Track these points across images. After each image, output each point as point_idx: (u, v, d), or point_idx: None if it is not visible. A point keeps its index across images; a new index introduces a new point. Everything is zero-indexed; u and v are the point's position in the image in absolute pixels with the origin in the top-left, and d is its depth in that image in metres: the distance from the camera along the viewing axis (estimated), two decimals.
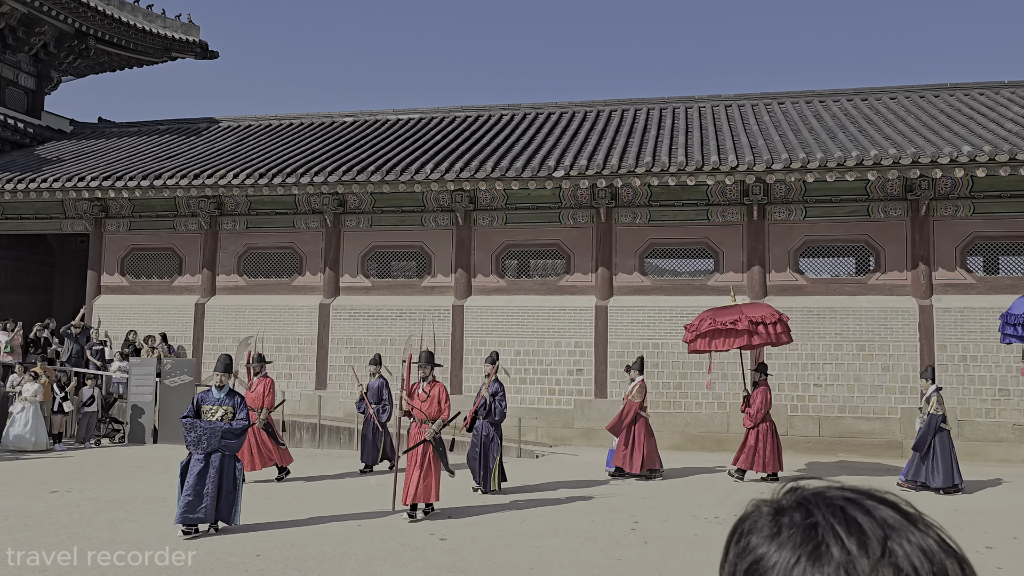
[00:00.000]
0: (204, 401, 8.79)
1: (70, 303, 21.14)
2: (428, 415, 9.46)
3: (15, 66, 24.09)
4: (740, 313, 12.25)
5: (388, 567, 7.19)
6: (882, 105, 19.15)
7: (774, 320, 12.25)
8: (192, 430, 8.58)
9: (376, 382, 13.31)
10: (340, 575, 6.90)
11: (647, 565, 7.45)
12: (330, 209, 17.89)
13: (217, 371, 9.07)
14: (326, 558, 7.43)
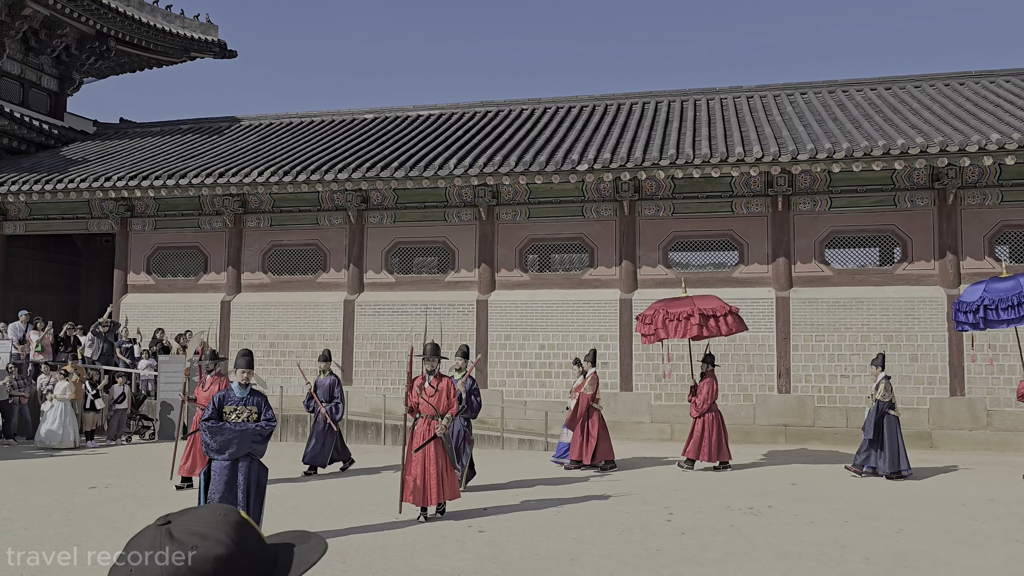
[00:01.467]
0: (226, 401, 7.92)
1: (96, 302, 21.35)
2: (437, 410, 9.12)
3: (38, 68, 24.34)
4: (692, 305, 12.68)
5: (431, 558, 7.25)
6: (907, 94, 19.02)
7: (724, 312, 12.70)
8: (219, 433, 7.69)
9: (327, 379, 12.67)
10: (384, 565, 6.97)
11: (686, 556, 7.47)
12: (353, 206, 17.97)
13: (239, 367, 8.12)
14: (368, 549, 7.50)
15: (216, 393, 8.07)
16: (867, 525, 8.83)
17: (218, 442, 7.68)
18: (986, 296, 11.80)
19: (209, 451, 7.71)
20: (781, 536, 8.27)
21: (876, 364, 12.73)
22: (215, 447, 7.69)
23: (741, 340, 16.15)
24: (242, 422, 7.77)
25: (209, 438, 7.68)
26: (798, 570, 7.05)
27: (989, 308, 11.68)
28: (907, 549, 7.80)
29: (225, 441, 7.67)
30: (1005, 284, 11.79)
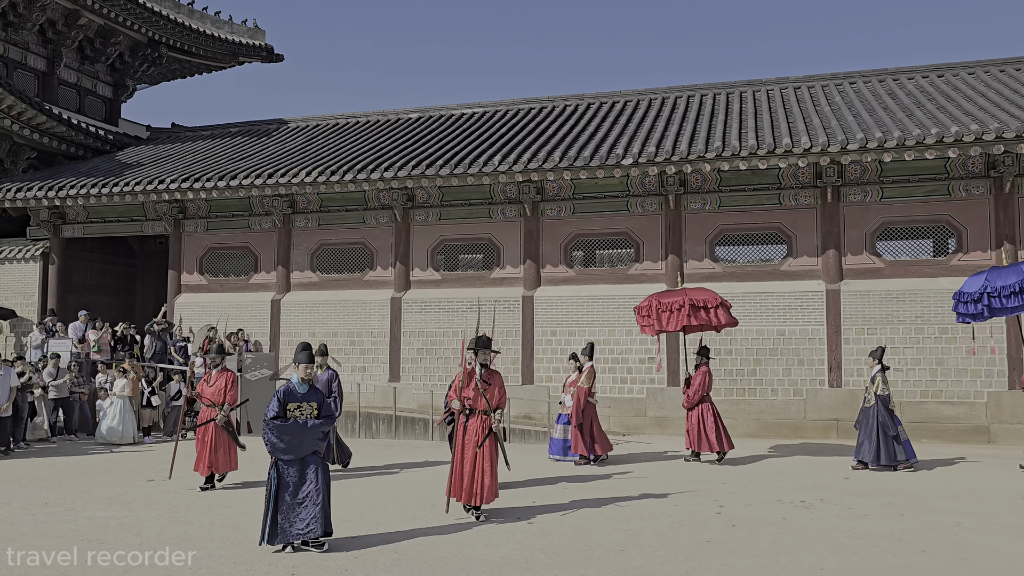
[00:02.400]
0: (290, 398, 7.55)
1: (152, 302, 21.90)
2: (492, 405, 8.77)
3: (93, 76, 25.08)
4: (684, 296, 12.88)
5: (481, 548, 7.31)
6: (960, 81, 18.54)
7: (716, 304, 12.81)
8: (287, 433, 7.34)
9: (325, 374, 12.08)
10: (435, 554, 7.04)
11: (737, 547, 7.41)
12: (399, 204, 18.16)
13: (300, 362, 7.77)
14: (418, 539, 7.59)
15: (279, 389, 7.64)
16: (923, 519, 8.65)
17: (287, 442, 7.32)
18: (988, 284, 11.80)
19: (276, 452, 7.33)
20: (834, 528, 8.15)
21: (874, 356, 12.57)
22: (284, 447, 7.32)
23: (790, 334, 15.95)
24: (305, 419, 7.47)
25: (276, 438, 7.31)
26: (852, 562, 6.94)
27: (992, 296, 11.68)
28: (965, 542, 7.63)
29: (296, 441, 7.35)
30: (1007, 272, 11.87)
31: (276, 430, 7.35)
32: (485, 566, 6.72)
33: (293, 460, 7.33)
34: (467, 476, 8.59)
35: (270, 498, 7.23)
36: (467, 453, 8.65)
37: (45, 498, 9.81)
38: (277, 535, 7.16)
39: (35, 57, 23.15)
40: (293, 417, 7.42)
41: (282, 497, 7.22)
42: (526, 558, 6.99)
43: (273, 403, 7.49)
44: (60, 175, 20.23)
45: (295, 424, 7.40)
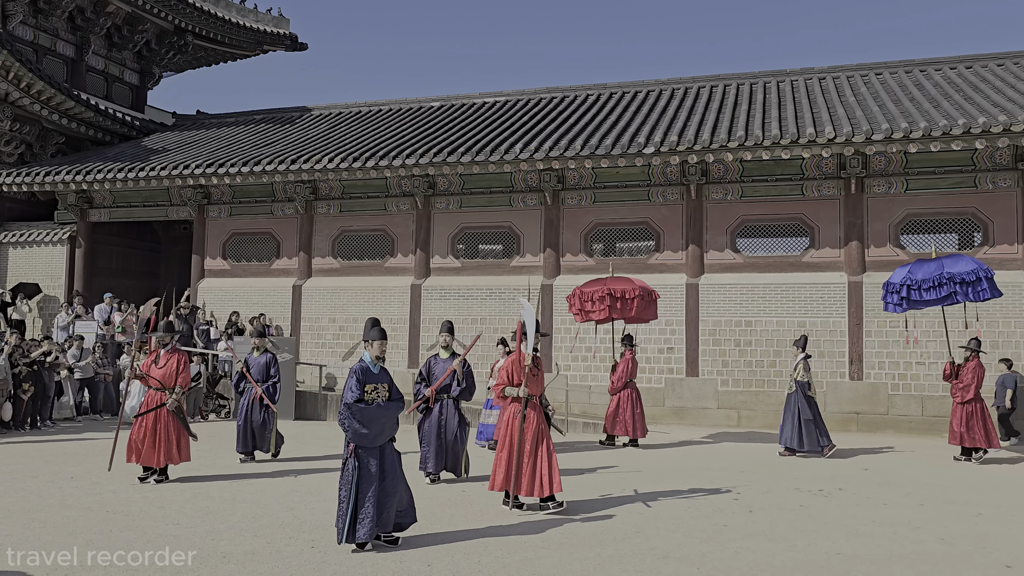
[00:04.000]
0: (368, 378, 6.87)
1: (175, 287, 22.12)
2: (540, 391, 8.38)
3: (120, 63, 25.36)
4: (604, 286, 12.96)
5: (499, 526, 7.36)
6: (988, 72, 18.28)
7: (633, 295, 12.82)
8: (372, 418, 6.71)
9: (262, 357, 11.52)
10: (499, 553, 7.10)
11: (754, 532, 7.41)
12: (420, 191, 18.23)
13: (374, 339, 7.03)
14: (482, 541, 7.66)
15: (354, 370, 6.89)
16: (943, 508, 8.60)
17: (372, 428, 6.71)
18: (909, 277, 12.10)
19: (359, 440, 6.67)
20: (852, 516, 8.13)
21: (798, 345, 12.88)
22: (368, 433, 6.69)
23: (811, 326, 15.84)
24: (384, 402, 6.88)
25: (360, 424, 6.66)
26: (869, 548, 6.92)
27: (912, 288, 12.00)
28: (986, 531, 7.58)
29: (379, 426, 6.76)
30: (928, 265, 12.12)
31: (360, 415, 6.68)
32: (501, 545, 6.77)
33: (374, 448, 6.73)
34: (529, 468, 7.98)
35: (351, 491, 6.57)
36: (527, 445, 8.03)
37: (71, 472, 10.00)
38: (356, 532, 6.55)
39: (64, 44, 23.44)
40: (372, 400, 6.80)
41: (364, 490, 6.59)
42: (541, 538, 7.04)
43: (352, 384, 6.80)
44: (87, 160, 20.50)
45: (379, 408, 6.79)
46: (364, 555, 6.45)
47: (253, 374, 11.39)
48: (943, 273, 11.80)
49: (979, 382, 12.32)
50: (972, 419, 12.12)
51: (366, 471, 6.64)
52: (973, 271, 11.73)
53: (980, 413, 12.17)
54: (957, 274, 11.76)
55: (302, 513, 7.92)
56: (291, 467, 10.76)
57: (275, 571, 6.03)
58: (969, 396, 12.20)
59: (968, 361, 12.50)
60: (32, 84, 19.37)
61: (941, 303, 12.01)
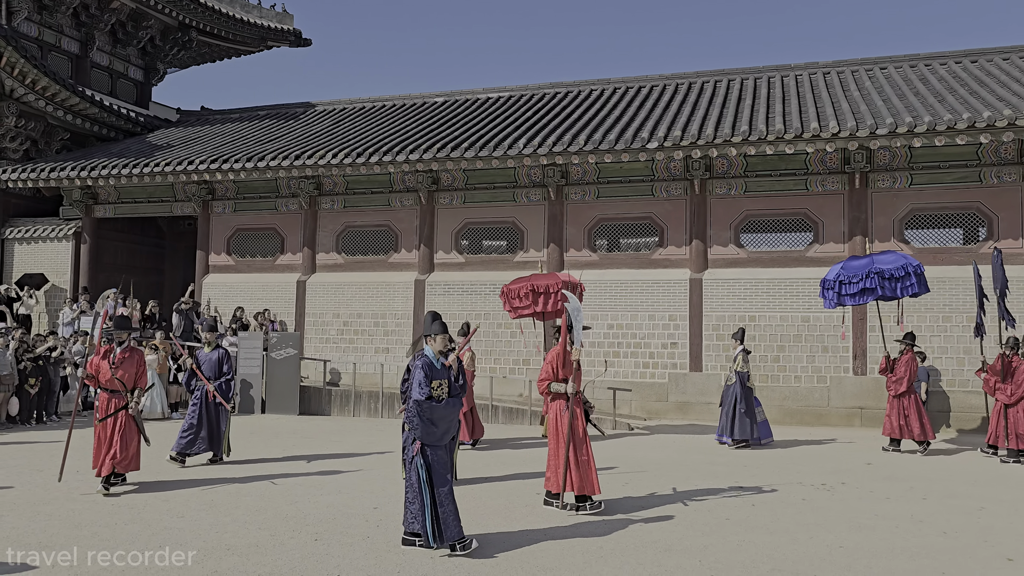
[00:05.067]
0: (433, 375, 6.58)
1: (180, 282, 22.21)
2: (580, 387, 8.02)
3: (125, 59, 25.41)
4: (528, 283, 12.95)
5: (501, 520, 7.38)
6: (993, 66, 18.21)
7: (556, 289, 12.73)
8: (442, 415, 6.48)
9: (214, 353, 10.89)
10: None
11: (756, 525, 7.42)
12: (424, 187, 18.24)
13: (436, 333, 6.77)
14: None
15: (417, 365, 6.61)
16: (946, 503, 8.60)
17: (442, 427, 6.50)
18: (842, 273, 12.33)
19: (429, 438, 6.43)
20: (855, 510, 8.13)
21: (736, 338, 13.25)
22: (439, 432, 6.47)
23: (815, 320, 15.82)
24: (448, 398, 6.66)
25: (431, 422, 6.43)
26: (871, 541, 6.93)
27: (844, 284, 12.24)
28: (988, 525, 7.58)
29: (446, 424, 6.56)
30: (860, 262, 12.34)
31: (430, 412, 6.43)
32: (505, 536, 6.79)
33: (440, 446, 6.52)
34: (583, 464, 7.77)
35: (423, 491, 6.31)
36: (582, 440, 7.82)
37: (76, 466, 10.04)
38: (442, 535, 6.28)
39: (69, 40, 23.48)
40: (439, 396, 6.54)
41: (440, 489, 6.34)
42: (544, 532, 7.06)
43: (420, 378, 6.51)
44: (92, 156, 20.55)
45: (447, 404, 6.56)
46: (368, 548, 6.48)
47: (204, 371, 10.69)
48: (872, 269, 12.04)
49: (912, 375, 12.57)
50: (908, 411, 12.35)
51: (436, 471, 6.39)
52: (901, 267, 11.98)
53: (915, 405, 12.42)
54: (885, 270, 12.01)
55: (306, 507, 7.95)
56: (295, 463, 10.79)
57: (278, 563, 6.06)
58: (902, 389, 12.45)
59: (903, 355, 12.72)
60: (37, 80, 19.42)
61: (870, 299, 12.23)
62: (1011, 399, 11.81)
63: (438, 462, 6.43)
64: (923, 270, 12.25)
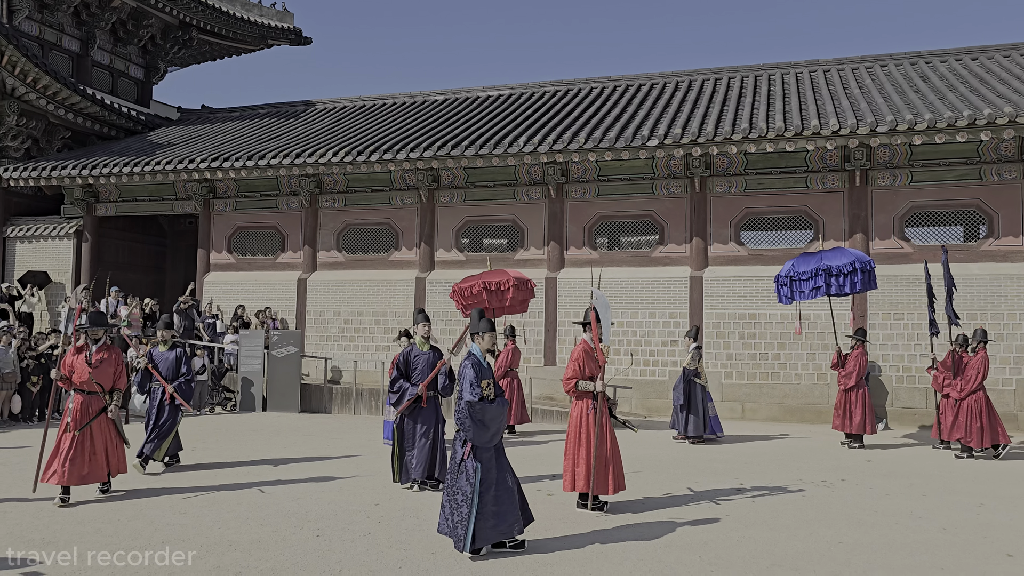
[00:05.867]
0: (483, 374, 6.44)
1: (181, 281, 22.23)
2: None
3: (126, 58, 25.43)
4: (479, 280, 13.04)
5: None
6: (995, 64, 18.22)
7: (508, 286, 12.96)
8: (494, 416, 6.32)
9: (171, 353, 10.19)
10: None
11: (756, 521, 7.45)
12: (424, 185, 18.26)
13: (484, 331, 6.64)
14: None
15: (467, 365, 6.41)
16: (946, 499, 8.62)
17: (493, 427, 6.33)
18: (792, 270, 12.60)
19: (481, 439, 6.26)
20: (855, 507, 8.16)
21: (689, 336, 13.58)
22: (490, 433, 6.30)
23: (815, 318, 15.83)
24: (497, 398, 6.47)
25: (483, 423, 6.25)
26: (871, 537, 6.96)
27: (795, 280, 12.50)
28: (988, 522, 7.61)
29: (499, 424, 6.38)
30: (810, 258, 12.59)
31: (482, 412, 6.25)
32: None
33: (490, 448, 6.34)
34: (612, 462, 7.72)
35: (473, 495, 6.13)
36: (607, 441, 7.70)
37: None
38: (477, 538, 6.13)
39: (70, 39, 23.50)
40: (488, 396, 6.36)
41: (486, 493, 6.18)
42: (545, 527, 7.08)
43: (471, 377, 6.34)
44: (93, 154, 20.57)
45: (498, 405, 6.38)
46: (370, 544, 6.51)
47: (161, 371, 9.98)
48: (820, 267, 12.26)
49: (861, 370, 12.80)
50: (855, 405, 12.57)
51: (487, 472, 6.22)
52: (850, 263, 12.16)
53: (862, 400, 12.63)
54: (834, 267, 12.21)
55: (308, 503, 7.98)
56: (296, 460, 10.82)
57: (280, 559, 6.09)
58: (851, 383, 12.68)
59: (853, 350, 13.03)
60: (38, 79, 19.43)
61: (820, 294, 12.44)
62: (961, 394, 11.99)
63: (490, 464, 6.25)
64: (873, 267, 12.44)
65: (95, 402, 8.13)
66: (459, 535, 6.14)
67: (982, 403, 11.80)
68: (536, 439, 13.30)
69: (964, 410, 11.83)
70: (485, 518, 6.12)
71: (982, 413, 11.73)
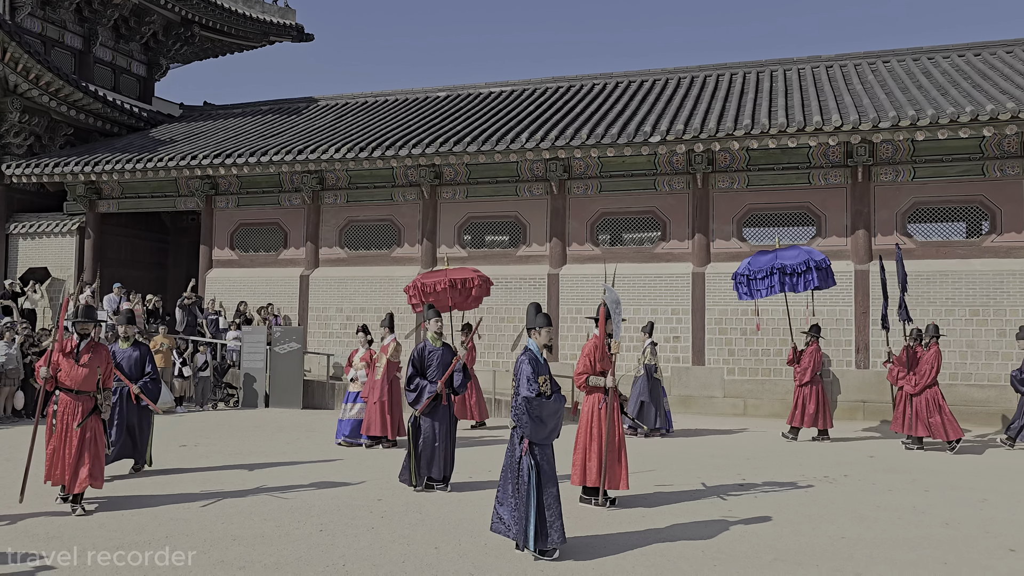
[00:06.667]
0: (539, 369, 6.24)
1: (183, 277, 22.25)
2: None
3: (128, 55, 25.43)
4: (445, 276, 13.29)
5: None
6: (997, 59, 18.18)
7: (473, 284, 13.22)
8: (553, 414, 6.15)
9: (134, 351, 9.39)
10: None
11: (759, 515, 7.46)
12: (427, 181, 18.26)
13: (541, 326, 6.49)
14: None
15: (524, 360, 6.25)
16: (948, 494, 8.63)
17: (551, 424, 6.15)
18: (748, 268, 12.79)
19: (539, 437, 6.09)
20: (857, 502, 8.17)
21: (645, 331, 13.73)
22: (547, 429, 6.12)
23: (818, 315, 15.79)
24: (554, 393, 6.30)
25: (541, 420, 6.06)
26: (873, 531, 6.97)
27: (751, 279, 12.69)
28: (990, 517, 7.62)
29: (557, 421, 6.21)
30: (765, 257, 12.76)
31: (540, 409, 6.07)
32: None
33: (548, 445, 6.21)
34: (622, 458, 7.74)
35: (531, 492, 5.94)
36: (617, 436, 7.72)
37: None
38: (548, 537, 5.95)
39: (72, 36, 23.51)
40: (546, 392, 6.20)
41: (547, 491, 5.98)
42: None
43: (528, 373, 6.17)
44: (96, 151, 20.59)
45: (556, 401, 6.20)
46: (373, 538, 6.52)
47: (124, 369, 9.19)
48: (775, 265, 12.41)
49: (816, 366, 12.99)
50: (809, 400, 12.76)
51: (544, 473, 6.05)
52: (804, 262, 12.32)
53: (816, 395, 12.81)
54: (787, 265, 12.38)
55: (311, 498, 8.00)
56: (299, 456, 10.84)
57: (284, 553, 6.11)
58: (806, 379, 12.89)
59: (808, 346, 13.19)
60: (41, 76, 19.44)
61: (775, 292, 12.63)
62: (915, 388, 12.13)
63: (547, 461, 6.10)
64: (828, 264, 12.57)
65: (85, 403, 7.51)
66: (519, 534, 5.98)
67: (938, 397, 11.99)
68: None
69: (921, 404, 12.01)
70: (552, 517, 5.96)
71: (941, 407, 11.91)
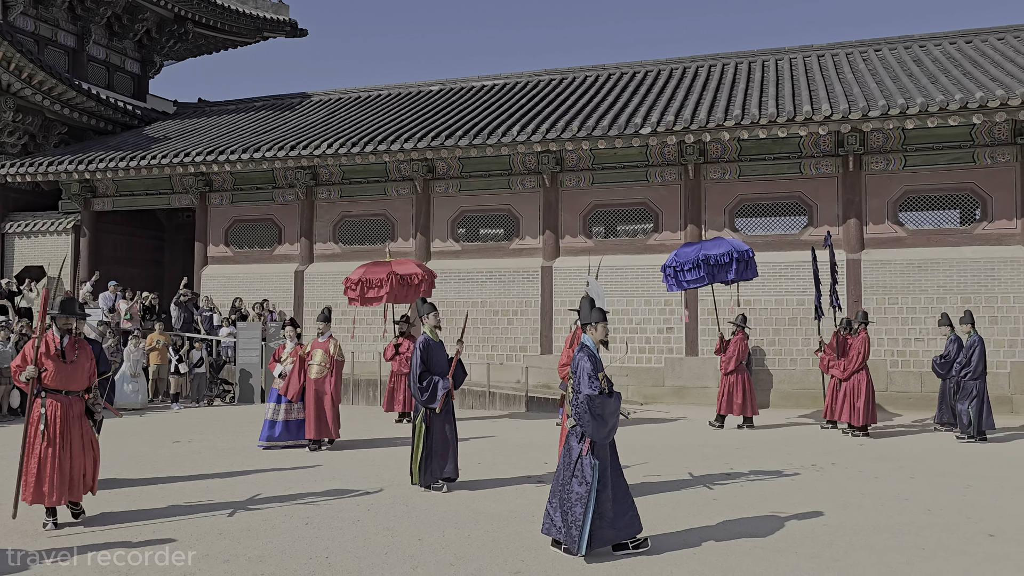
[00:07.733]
0: (597, 366, 5.99)
1: (179, 275, 22.29)
2: None
3: (121, 52, 25.43)
4: (390, 269, 13.23)
5: (491, 503, 7.47)
6: (988, 47, 18.16)
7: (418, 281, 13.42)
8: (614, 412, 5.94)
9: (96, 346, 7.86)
10: None
11: (743, 504, 7.52)
12: (419, 176, 18.29)
13: (598, 321, 6.21)
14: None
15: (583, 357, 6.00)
16: (934, 481, 8.69)
17: (611, 422, 5.93)
18: (675, 260, 12.89)
19: (600, 435, 5.88)
20: (843, 490, 8.22)
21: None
22: (608, 428, 5.91)
23: (810, 303, 15.85)
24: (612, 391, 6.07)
25: (602, 419, 5.85)
26: (856, 519, 7.02)
27: (679, 271, 12.78)
28: (973, 503, 7.67)
29: (616, 418, 6.00)
30: (691, 249, 12.88)
31: (602, 407, 5.85)
32: (493, 519, 6.91)
33: (607, 444, 5.99)
34: None
35: (590, 494, 5.75)
36: None
37: None
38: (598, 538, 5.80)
39: (65, 34, 23.51)
40: (605, 390, 5.94)
41: (604, 492, 5.83)
42: (532, 512, 7.16)
43: (589, 370, 5.91)
44: (90, 149, 20.62)
45: (616, 398, 5.97)
46: (358, 531, 6.58)
47: None
48: (699, 256, 12.51)
49: (741, 355, 13.15)
50: (735, 388, 12.94)
51: (604, 471, 5.87)
52: (727, 253, 12.44)
53: (742, 383, 12.99)
54: (711, 256, 12.48)
55: (299, 492, 8.06)
56: (290, 450, 10.89)
57: (269, 546, 6.17)
58: (731, 368, 13.06)
59: (734, 335, 13.37)
60: (34, 75, 19.46)
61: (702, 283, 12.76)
62: (844, 374, 12.30)
63: (605, 462, 5.89)
64: (751, 255, 12.68)
65: (76, 404, 6.93)
66: (572, 537, 5.75)
67: (863, 383, 12.14)
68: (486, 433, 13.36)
69: (846, 389, 12.20)
70: (602, 518, 5.77)
71: (863, 393, 12.06)
